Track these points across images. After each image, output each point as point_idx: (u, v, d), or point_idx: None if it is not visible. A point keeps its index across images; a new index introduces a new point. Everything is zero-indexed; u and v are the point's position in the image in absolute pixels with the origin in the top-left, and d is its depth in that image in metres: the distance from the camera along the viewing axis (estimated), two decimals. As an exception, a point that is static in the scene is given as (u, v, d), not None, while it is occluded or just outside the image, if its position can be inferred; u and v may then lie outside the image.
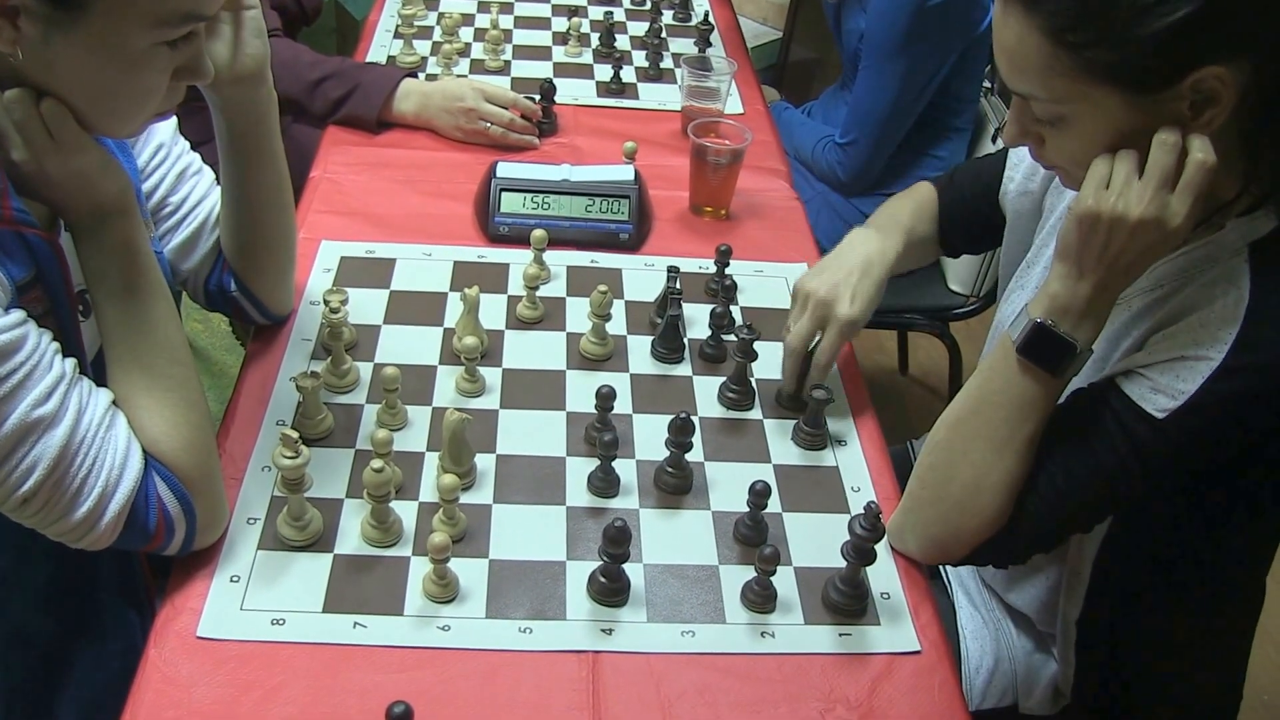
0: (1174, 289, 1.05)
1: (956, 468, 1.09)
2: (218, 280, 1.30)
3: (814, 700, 1.02)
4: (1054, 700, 1.32)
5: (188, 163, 1.28)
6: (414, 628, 1.04)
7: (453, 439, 1.16)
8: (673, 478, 1.21)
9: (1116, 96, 0.95)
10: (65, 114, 0.94)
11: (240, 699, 0.97)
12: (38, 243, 0.98)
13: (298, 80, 1.80)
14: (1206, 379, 0.97)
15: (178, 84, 1.00)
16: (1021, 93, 1.01)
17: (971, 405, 1.10)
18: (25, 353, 0.92)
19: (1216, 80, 0.92)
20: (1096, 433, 1.03)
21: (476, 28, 2.18)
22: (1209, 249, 1.03)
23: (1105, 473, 1.03)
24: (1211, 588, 1.21)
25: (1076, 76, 0.95)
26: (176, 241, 1.27)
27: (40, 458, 0.93)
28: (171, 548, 1.04)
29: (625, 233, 1.59)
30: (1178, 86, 0.93)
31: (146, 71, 0.95)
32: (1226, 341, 0.96)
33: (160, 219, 1.26)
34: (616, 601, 1.08)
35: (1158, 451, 1.00)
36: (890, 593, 1.13)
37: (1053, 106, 0.99)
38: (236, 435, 1.22)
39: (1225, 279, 0.99)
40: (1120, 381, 1.03)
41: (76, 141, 0.96)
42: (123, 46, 0.92)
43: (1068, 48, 0.94)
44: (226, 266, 1.29)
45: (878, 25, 2.01)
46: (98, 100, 0.96)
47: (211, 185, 1.30)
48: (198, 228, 1.27)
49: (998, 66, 1.02)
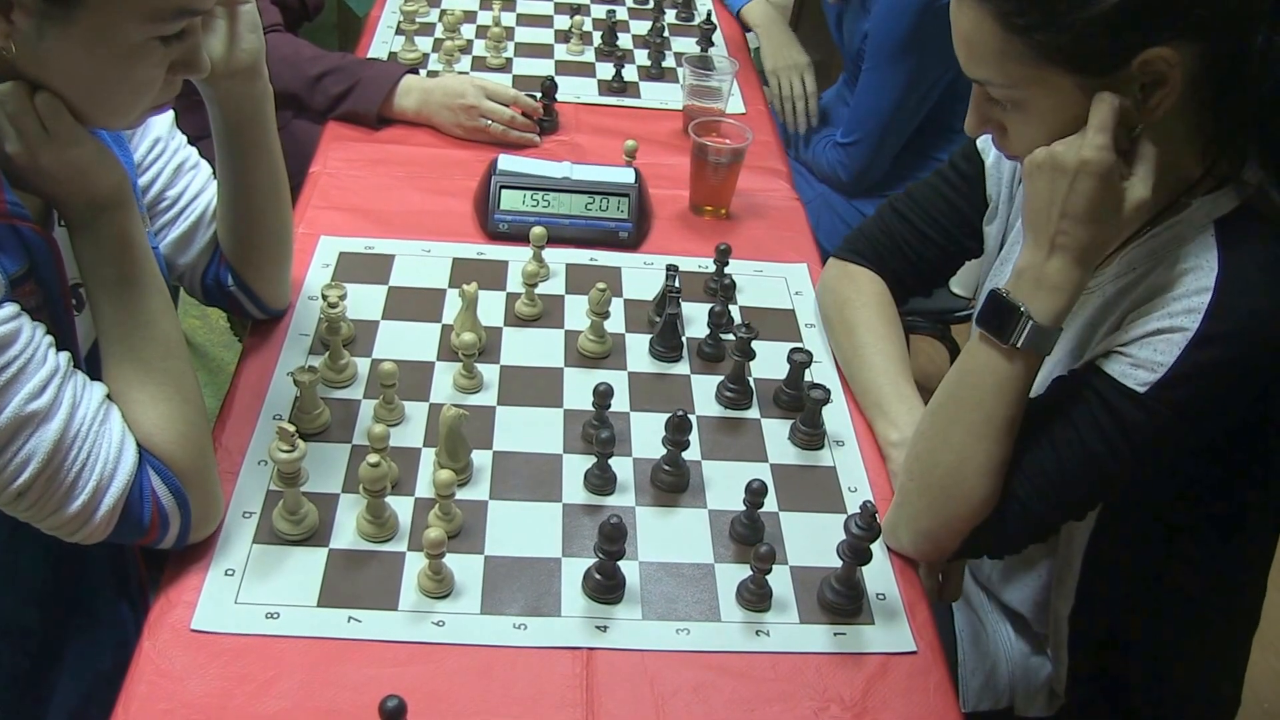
0: (1146, 271, 1.06)
1: (938, 454, 1.10)
2: (215, 274, 1.29)
3: (808, 699, 1.02)
4: (1049, 702, 1.32)
5: (185, 157, 1.28)
6: (408, 623, 1.04)
7: (450, 435, 1.16)
8: (669, 476, 1.21)
9: (1068, 79, 0.98)
10: (60, 107, 0.94)
11: (234, 692, 0.97)
12: (32, 236, 0.98)
13: (298, 75, 1.80)
14: (1183, 349, 0.98)
15: (174, 78, 1.00)
16: (979, 79, 1.04)
17: (949, 390, 1.10)
18: (19, 346, 0.92)
19: (1163, 61, 0.94)
20: (1081, 415, 1.04)
21: (478, 24, 2.18)
22: (1177, 230, 1.05)
23: (1093, 454, 1.04)
24: (1204, 588, 1.21)
25: (1029, 61, 0.98)
26: (173, 236, 1.26)
27: (34, 452, 0.92)
28: (166, 542, 1.04)
29: (625, 231, 1.59)
30: (1126, 69, 0.95)
31: (141, 65, 0.95)
32: (1199, 311, 0.98)
33: (157, 213, 1.25)
34: (612, 599, 1.08)
35: (1143, 427, 1.01)
36: (886, 593, 1.13)
37: (1009, 91, 1.02)
38: (233, 429, 1.22)
39: (1194, 254, 1.01)
40: (1100, 363, 1.04)
41: (71, 134, 0.96)
42: (117, 41, 0.92)
43: (1018, 32, 0.97)
44: (224, 261, 1.29)
45: (882, 27, 2.01)
46: (93, 94, 0.95)
47: (209, 180, 1.30)
48: (195, 221, 1.27)
49: (957, 55, 1.04)
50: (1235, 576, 1.22)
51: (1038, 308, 1.03)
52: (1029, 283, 1.03)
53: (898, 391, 1.28)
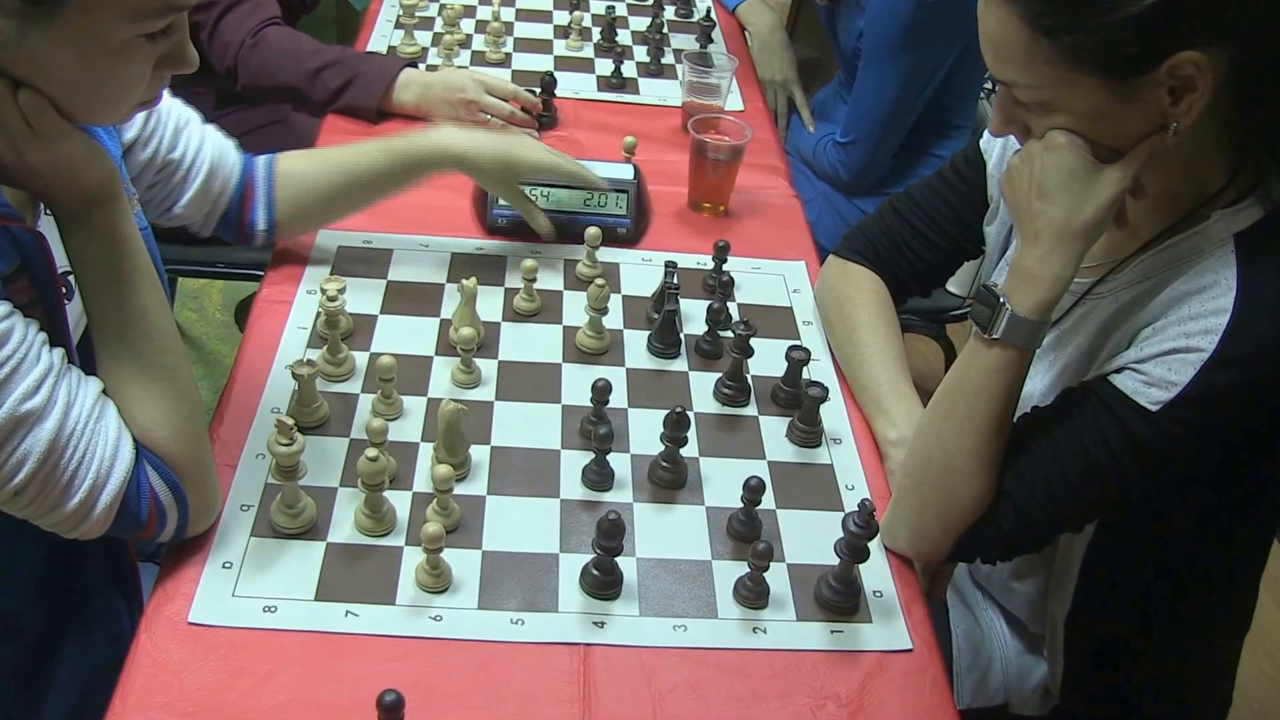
0: (1161, 281, 1.05)
1: (931, 450, 1.10)
2: (237, 214, 1.38)
3: (805, 696, 1.02)
4: (1044, 701, 1.32)
5: (177, 116, 1.29)
6: (406, 617, 1.04)
7: (448, 429, 1.16)
8: (667, 472, 1.21)
9: (1096, 82, 0.96)
10: (44, 104, 0.93)
11: (231, 686, 0.97)
12: (21, 234, 0.97)
13: (298, 68, 1.80)
14: (1198, 370, 0.97)
15: (161, 74, 0.99)
16: (1005, 80, 1.03)
17: (945, 387, 1.11)
18: (12, 346, 0.91)
19: (1193, 66, 0.93)
20: (1088, 427, 1.04)
21: (478, 19, 2.17)
22: (1195, 240, 1.04)
23: (1096, 466, 1.03)
24: (1201, 592, 1.21)
25: (1057, 63, 0.97)
26: (190, 194, 1.30)
27: (30, 451, 0.92)
28: (163, 536, 1.04)
29: (624, 227, 1.59)
30: (1155, 72, 0.94)
31: (127, 64, 0.94)
32: (1217, 332, 0.97)
33: (167, 177, 1.28)
34: (609, 595, 1.08)
35: (1151, 444, 1.01)
36: (882, 591, 1.13)
37: (1036, 92, 1.01)
38: (231, 422, 1.22)
39: (1212, 270, 1.00)
40: (1113, 378, 1.03)
41: (57, 130, 0.94)
42: (101, 40, 0.90)
43: (1046, 34, 0.96)
44: (251, 196, 1.38)
45: (877, 24, 2.01)
46: (79, 93, 0.94)
47: (201, 126, 1.33)
48: (208, 173, 1.32)
49: (983, 55, 1.04)
50: (1231, 581, 1.23)
51: (1017, 298, 1.03)
52: (1012, 275, 1.04)
53: (896, 390, 1.29)
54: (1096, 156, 1.00)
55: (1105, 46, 0.94)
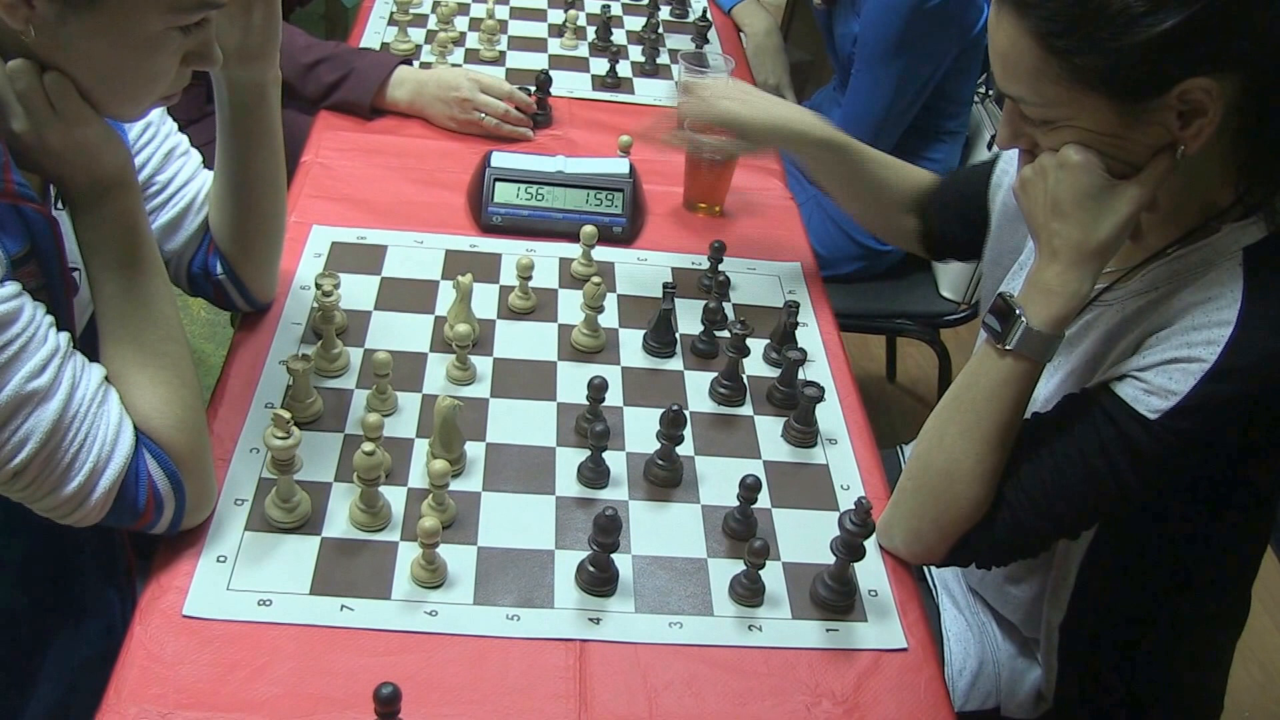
0: (1168, 292, 1.05)
1: (933, 455, 1.10)
2: (202, 263, 1.28)
3: (800, 694, 1.02)
4: (1036, 704, 1.32)
5: (175, 143, 1.27)
6: (401, 612, 1.04)
7: (444, 424, 1.15)
8: (663, 470, 1.21)
9: (1105, 103, 0.96)
10: (68, 86, 0.94)
11: (225, 679, 0.96)
12: (34, 217, 0.97)
13: (291, 63, 1.79)
14: (1199, 381, 0.97)
15: (185, 69, 1.00)
16: (1014, 96, 1.02)
17: (952, 393, 1.11)
18: (20, 325, 0.91)
19: (1203, 92, 0.93)
20: (1087, 434, 1.04)
21: (472, 17, 2.17)
22: (1204, 253, 1.04)
23: (1094, 473, 1.03)
24: (1195, 597, 1.21)
25: (1066, 82, 0.96)
26: (162, 221, 1.25)
27: (33, 431, 0.92)
28: (160, 526, 1.03)
29: (619, 226, 1.59)
30: (1165, 96, 0.94)
31: (158, 55, 0.95)
32: (1219, 344, 0.97)
33: (146, 198, 1.24)
34: (605, 591, 1.08)
35: (1148, 453, 1.01)
36: (878, 590, 1.13)
37: (1043, 110, 1.00)
38: (225, 417, 1.22)
39: (1219, 282, 1.00)
40: (1114, 385, 1.03)
41: (79, 113, 0.95)
42: (137, 30, 0.92)
43: (1057, 54, 0.95)
44: (213, 248, 1.27)
45: (872, 29, 2.01)
46: (107, 81, 0.96)
47: (199, 168, 1.29)
48: (184, 208, 1.26)
49: (992, 68, 1.03)
50: (1225, 588, 1.23)
51: (1033, 311, 1.03)
52: (1029, 287, 1.04)
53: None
54: (1110, 170, 0.99)
55: (1116, 69, 0.93)
